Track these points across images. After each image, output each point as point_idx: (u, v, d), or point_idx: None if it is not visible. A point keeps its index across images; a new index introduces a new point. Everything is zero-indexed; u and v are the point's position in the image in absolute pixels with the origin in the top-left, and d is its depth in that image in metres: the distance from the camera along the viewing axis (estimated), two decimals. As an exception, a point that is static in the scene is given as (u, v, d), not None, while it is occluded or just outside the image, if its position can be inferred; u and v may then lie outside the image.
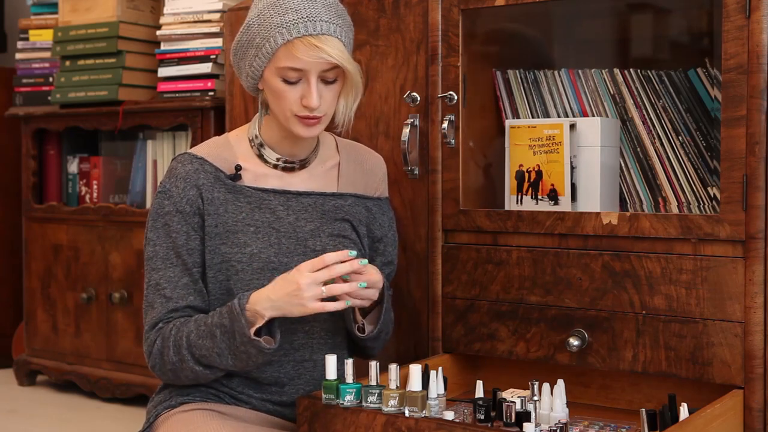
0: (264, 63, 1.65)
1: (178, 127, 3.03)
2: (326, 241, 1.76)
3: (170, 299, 1.67)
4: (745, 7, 1.67)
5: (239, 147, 1.77)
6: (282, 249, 1.72)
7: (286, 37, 1.61)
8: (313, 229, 1.76)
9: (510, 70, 2.13)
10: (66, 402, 3.15)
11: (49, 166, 3.39)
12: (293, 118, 1.67)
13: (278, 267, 1.70)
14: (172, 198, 1.69)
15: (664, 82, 2.00)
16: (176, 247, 1.68)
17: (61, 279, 3.21)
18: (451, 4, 2.00)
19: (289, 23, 1.61)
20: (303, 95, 1.65)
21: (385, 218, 1.89)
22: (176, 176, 1.71)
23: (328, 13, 1.64)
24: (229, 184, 1.72)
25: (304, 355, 1.74)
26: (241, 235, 1.71)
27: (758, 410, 1.67)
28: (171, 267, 1.68)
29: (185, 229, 1.69)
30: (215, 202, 1.70)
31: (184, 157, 1.73)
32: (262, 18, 1.64)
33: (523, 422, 1.54)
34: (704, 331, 1.72)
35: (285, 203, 1.75)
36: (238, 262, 1.70)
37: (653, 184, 1.99)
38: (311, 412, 1.61)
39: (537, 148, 1.97)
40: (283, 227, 1.73)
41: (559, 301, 1.87)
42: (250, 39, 1.66)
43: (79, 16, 3.19)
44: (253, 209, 1.72)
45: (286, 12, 1.62)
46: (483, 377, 1.85)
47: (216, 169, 1.72)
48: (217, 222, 1.70)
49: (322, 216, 1.77)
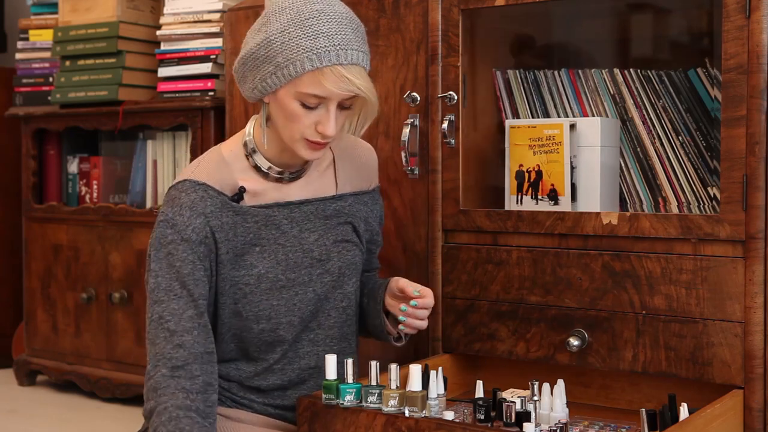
0: (281, 83, 1.58)
1: (178, 127, 3.03)
2: (331, 248, 1.74)
3: (174, 333, 1.57)
4: (745, 7, 1.67)
5: (235, 163, 1.70)
6: (289, 264, 1.69)
7: (315, 65, 1.54)
8: (317, 239, 1.73)
9: (510, 70, 2.13)
10: (66, 402, 3.15)
11: (49, 166, 3.38)
12: (302, 141, 1.62)
13: (286, 284, 1.68)
14: (177, 227, 1.60)
15: (664, 82, 2.00)
16: (180, 277, 1.59)
17: (61, 279, 3.21)
18: (451, 4, 2.00)
19: (320, 50, 1.54)
20: (319, 121, 1.60)
21: (377, 206, 1.88)
22: (180, 205, 1.61)
23: (357, 40, 1.58)
24: (236, 207, 1.66)
25: (309, 362, 1.74)
26: (248, 256, 1.66)
27: (758, 410, 1.67)
28: (175, 299, 1.58)
29: (191, 258, 1.60)
30: (225, 228, 1.64)
31: (185, 185, 1.64)
32: (287, 36, 1.56)
33: (523, 422, 1.53)
34: (704, 331, 1.72)
35: (288, 215, 1.71)
36: (246, 284, 1.66)
37: (653, 184, 1.99)
38: (311, 413, 1.60)
39: (537, 148, 1.97)
40: (289, 241, 1.70)
41: (559, 301, 1.87)
42: (270, 55, 1.57)
43: (79, 16, 3.18)
44: (259, 228, 1.68)
45: (317, 36, 1.54)
46: (483, 377, 1.85)
47: (219, 193, 1.65)
48: (228, 248, 1.65)
49: (325, 222, 1.75)
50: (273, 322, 1.68)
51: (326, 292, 1.73)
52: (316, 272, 1.72)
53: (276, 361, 1.71)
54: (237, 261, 1.66)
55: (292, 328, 1.70)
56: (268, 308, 1.67)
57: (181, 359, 1.56)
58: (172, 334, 1.57)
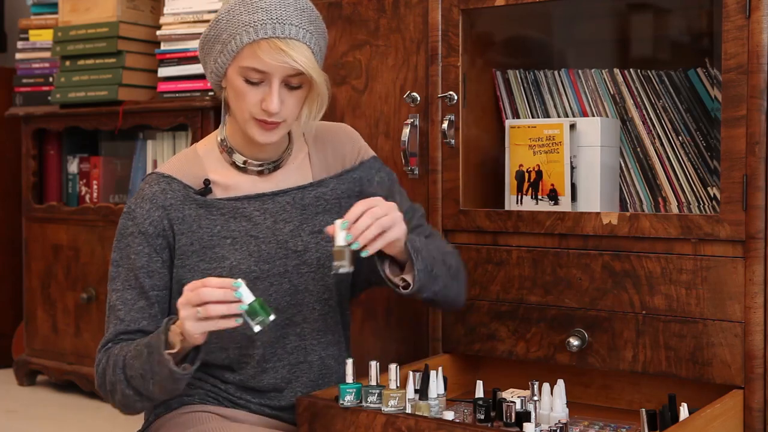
0: (228, 60, 1.60)
1: (178, 127, 3.03)
2: (308, 240, 1.71)
3: (122, 321, 1.62)
4: (745, 7, 1.67)
5: (208, 158, 1.71)
6: (262, 256, 1.67)
7: (252, 37, 1.56)
8: (292, 230, 1.70)
9: (510, 70, 2.13)
10: (66, 402, 3.15)
11: (49, 166, 3.39)
12: (251, 120, 1.61)
13: (260, 275, 1.66)
14: (136, 219, 1.64)
15: (664, 82, 2.00)
16: (134, 269, 1.63)
17: (61, 279, 3.21)
18: (451, 4, 2.00)
19: (257, 22, 1.56)
20: (263, 98, 1.59)
21: (382, 174, 1.80)
22: (142, 197, 1.65)
23: (299, 17, 1.58)
24: (200, 199, 1.66)
25: (298, 357, 1.72)
26: (218, 249, 1.66)
27: (758, 410, 1.67)
28: (128, 289, 1.63)
29: (147, 251, 1.63)
30: (187, 220, 1.65)
31: (151, 177, 1.68)
32: (231, 14, 1.59)
33: (523, 422, 1.53)
34: (704, 331, 1.72)
35: (261, 207, 1.69)
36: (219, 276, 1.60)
37: (653, 184, 1.99)
38: (311, 413, 1.60)
39: (537, 148, 1.97)
40: (262, 233, 1.68)
41: (559, 301, 1.87)
42: (217, 34, 1.60)
43: (79, 16, 3.19)
44: (227, 220, 1.67)
45: (256, 11, 1.56)
46: (483, 377, 1.85)
47: (184, 186, 1.67)
48: (192, 240, 1.65)
49: (303, 212, 1.72)
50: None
51: (306, 284, 1.70)
52: (293, 263, 1.69)
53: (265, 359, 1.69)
54: (206, 253, 1.65)
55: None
56: None
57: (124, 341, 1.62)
58: (121, 322, 1.63)
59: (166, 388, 1.53)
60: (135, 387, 1.56)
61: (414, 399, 1.62)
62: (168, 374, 1.50)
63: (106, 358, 1.61)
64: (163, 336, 1.51)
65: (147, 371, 1.52)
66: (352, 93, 2.20)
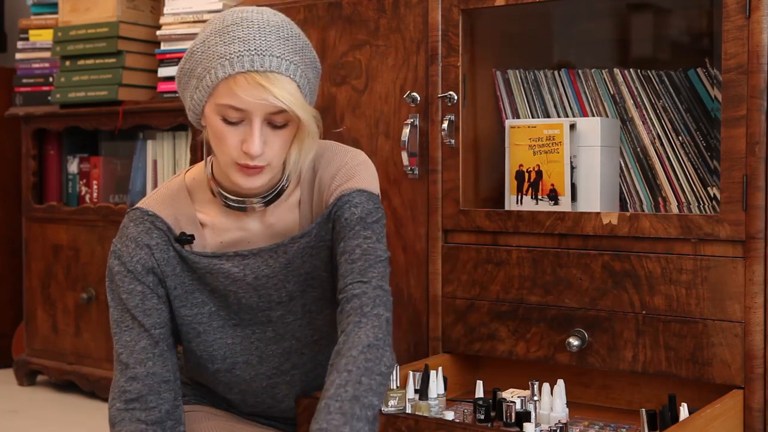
0: (204, 97, 1.43)
1: (178, 127, 3.03)
2: (293, 289, 1.57)
3: (127, 366, 1.50)
4: (745, 7, 1.67)
5: (197, 193, 1.57)
6: (242, 308, 1.57)
7: (227, 71, 1.38)
8: (276, 283, 1.56)
9: (510, 70, 2.13)
10: (66, 402, 3.15)
11: (49, 166, 3.39)
12: (233, 165, 1.44)
13: (239, 323, 1.58)
14: (122, 258, 1.52)
15: (664, 82, 2.00)
16: (129, 309, 1.51)
17: (61, 279, 3.21)
18: (451, 4, 2.00)
19: (233, 54, 1.38)
20: (244, 139, 1.41)
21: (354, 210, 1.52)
22: (127, 236, 1.53)
23: (282, 47, 1.40)
24: (178, 247, 1.54)
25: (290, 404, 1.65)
26: (198, 294, 1.56)
27: (758, 410, 1.67)
28: (127, 330, 1.51)
29: (139, 289, 1.52)
30: (171, 262, 1.54)
31: (135, 214, 1.55)
32: (206, 45, 1.42)
33: (523, 422, 1.54)
34: (704, 331, 1.72)
35: (240, 263, 1.54)
36: (199, 323, 1.57)
37: (653, 184, 1.99)
38: (311, 413, 1.60)
39: (537, 148, 1.97)
40: (242, 288, 1.55)
41: (559, 301, 1.87)
42: (192, 68, 1.44)
43: (79, 16, 3.19)
44: (204, 275, 1.55)
45: (232, 41, 1.39)
46: (483, 377, 1.85)
47: (168, 227, 1.54)
48: (176, 283, 1.55)
49: (287, 266, 1.56)
50: (228, 362, 1.59)
51: (293, 332, 1.60)
52: (277, 314, 1.58)
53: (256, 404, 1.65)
54: (188, 298, 1.56)
55: (250, 368, 1.60)
56: (222, 347, 1.58)
57: (135, 392, 1.49)
58: (126, 367, 1.51)
59: None
60: None
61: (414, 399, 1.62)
62: None
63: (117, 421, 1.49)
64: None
65: None
66: (352, 93, 2.20)
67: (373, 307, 1.43)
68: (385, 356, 1.39)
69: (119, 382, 1.50)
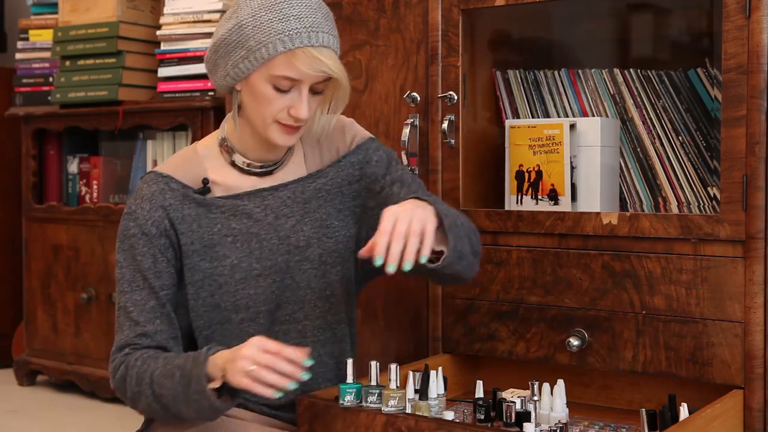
0: (253, 67, 1.59)
1: (178, 127, 3.03)
2: (310, 234, 1.70)
3: (138, 323, 1.62)
4: (745, 7, 1.67)
5: (208, 158, 1.71)
6: (264, 253, 1.67)
7: (287, 46, 1.56)
8: (294, 225, 1.70)
9: (510, 70, 2.13)
10: (66, 402, 3.15)
11: (49, 166, 3.39)
12: (274, 124, 1.62)
13: (262, 272, 1.67)
14: (138, 220, 1.64)
15: (664, 82, 2.00)
16: (142, 270, 1.63)
17: (61, 279, 3.21)
18: (451, 4, 2.00)
19: (292, 31, 1.56)
20: (292, 105, 1.60)
21: (380, 153, 1.77)
22: (142, 197, 1.65)
23: (327, 24, 1.60)
24: (199, 198, 1.66)
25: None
26: (219, 247, 1.66)
27: (758, 410, 1.67)
28: (137, 290, 1.63)
29: (151, 252, 1.63)
30: (187, 220, 1.65)
31: (149, 177, 1.68)
32: (258, 20, 1.58)
33: (523, 422, 1.54)
34: (704, 331, 1.72)
35: (261, 203, 1.69)
36: (220, 275, 1.66)
37: (653, 184, 1.99)
38: (311, 413, 1.60)
39: (537, 148, 1.97)
40: (263, 230, 1.68)
41: (559, 301, 1.87)
42: (242, 40, 1.59)
43: (79, 16, 3.19)
44: (228, 218, 1.67)
45: (288, 19, 1.56)
46: (483, 377, 1.85)
47: (183, 186, 1.67)
48: (193, 239, 1.66)
49: (304, 206, 1.71)
50: (252, 312, 1.67)
51: (308, 281, 1.70)
52: (295, 259, 1.69)
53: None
54: (207, 252, 1.66)
55: (269, 317, 1.69)
56: (245, 297, 1.66)
57: (144, 345, 1.62)
58: (136, 324, 1.62)
59: (203, 414, 1.55)
60: (164, 404, 1.56)
61: (414, 399, 1.62)
62: (208, 405, 1.51)
63: (125, 367, 1.60)
64: (204, 368, 1.50)
65: (180, 394, 1.53)
66: (352, 93, 2.18)
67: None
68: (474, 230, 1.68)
69: (129, 337, 1.61)
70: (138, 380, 1.58)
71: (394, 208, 1.51)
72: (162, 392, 1.55)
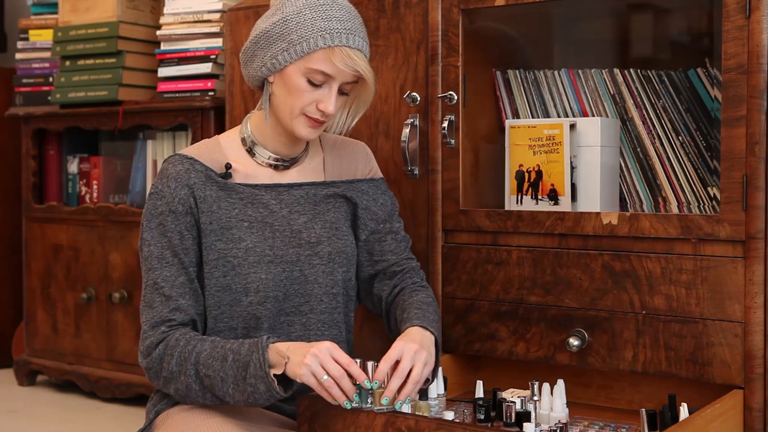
0: (292, 59, 1.69)
1: (178, 127, 3.03)
2: (320, 232, 1.78)
3: (170, 298, 1.68)
4: (745, 7, 1.67)
5: (230, 148, 1.81)
6: (276, 242, 1.74)
7: (328, 42, 1.67)
8: (306, 221, 1.78)
9: (510, 70, 2.13)
10: (66, 402, 3.15)
11: (49, 166, 3.39)
12: (301, 117, 1.71)
13: (273, 260, 1.73)
14: (165, 198, 1.71)
15: (664, 82, 2.00)
16: (172, 247, 1.70)
17: (61, 279, 3.21)
18: (451, 4, 2.00)
19: (333, 30, 1.67)
20: (321, 99, 1.70)
21: (386, 197, 1.89)
22: (167, 176, 1.73)
23: (362, 30, 1.73)
24: (221, 182, 1.74)
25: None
26: (236, 230, 1.73)
27: (758, 410, 1.67)
28: (167, 266, 1.70)
29: (179, 229, 1.71)
30: (208, 200, 1.72)
31: (174, 158, 1.75)
32: (302, 17, 1.69)
33: (523, 422, 1.54)
34: (704, 331, 1.72)
35: (277, 197, 1.78)
36: (234, 257, 1.71)
37: (653, 184, 1.99)
38: (311, 412, 1.61)
39: (537, 148, 1.97)
40: (277, 221, 1.76)
41: (559, 301, 1.87)
42: (285, 33, 1.69)
43: (79, 16, 3.19)
44: (245, 205, 1.75)
45: (330, 19, 1.68)
46: (483, 377, 1.85)
47: (207, 168, 1.74)
48: (212, 219, 1.72)
49: (315, 207, 1.80)
50: (261, 296, 1.72)
51: (316, 276, 1.76)
52: (305, 253, 1.76)
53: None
54: (224, 233, 1.72)
55: (277, 304, 1.74)
56: (256, 281, 1.71)
57: (179, 320, 1.68)
58: (168, 299, 1.68)
59: (256, 399, 1.57)
60: (207, 385, 1.60)
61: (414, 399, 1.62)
62: (265, 390, 1.54)
63: (164, 345, 1.65)
64: (266, 354, 1.55)
65: (230, 377, 1.57)
66: (352, 93, 2.20)
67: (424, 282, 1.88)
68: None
69: (163, 312, 1.67)
70: (180, 360, 1.62)
71: (402, 345, 1.59)
72: (208, 373, 1.59)
